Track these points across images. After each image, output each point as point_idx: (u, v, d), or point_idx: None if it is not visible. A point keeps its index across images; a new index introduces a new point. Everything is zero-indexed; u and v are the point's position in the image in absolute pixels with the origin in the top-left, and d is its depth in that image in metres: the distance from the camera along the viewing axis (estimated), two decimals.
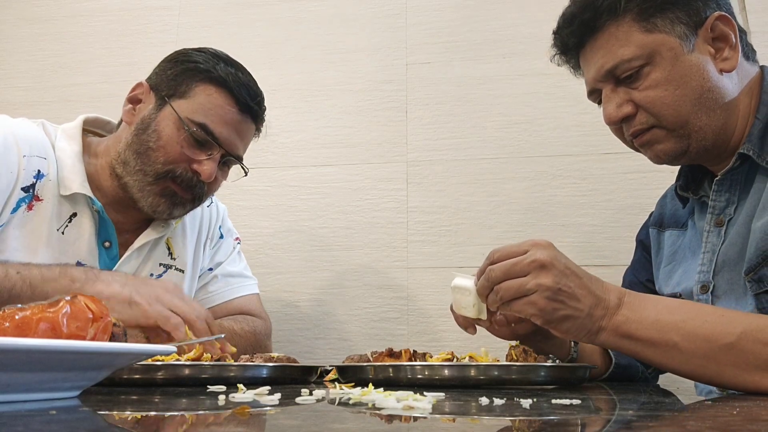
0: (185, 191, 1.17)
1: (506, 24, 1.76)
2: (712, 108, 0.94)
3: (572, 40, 1.01)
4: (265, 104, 1.25)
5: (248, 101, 1.18)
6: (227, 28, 1.88)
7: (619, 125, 0.99)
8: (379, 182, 1.74)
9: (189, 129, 1.14)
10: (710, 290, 0.97)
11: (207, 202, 1.36)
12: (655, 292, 1.14)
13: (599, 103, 1.03)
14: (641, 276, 1.21)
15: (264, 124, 1.27)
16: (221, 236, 1.39)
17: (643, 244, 1.23)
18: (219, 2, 1.93)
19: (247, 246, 1.65)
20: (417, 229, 1.69)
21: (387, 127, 1.77)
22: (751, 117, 0.95)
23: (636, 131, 0.97)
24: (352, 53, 1.82)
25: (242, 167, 1.25)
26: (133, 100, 1.21)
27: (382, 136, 1.76)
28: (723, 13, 0.95)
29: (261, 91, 1.23)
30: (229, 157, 1.19)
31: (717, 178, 0.99)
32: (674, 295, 1.06)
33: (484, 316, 0.90)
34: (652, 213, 1.23)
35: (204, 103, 1.15)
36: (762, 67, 1.00)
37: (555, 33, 1.04)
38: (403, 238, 1.69)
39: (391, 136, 1.76)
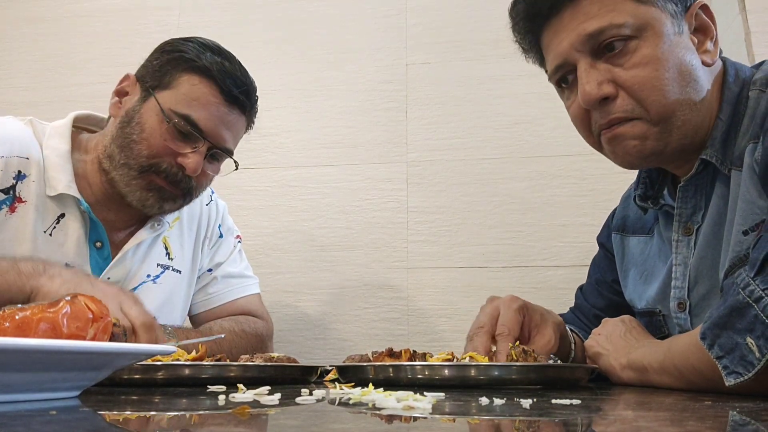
0: (172, 186, 1.13)
1: (506, 24, 1.74)
2: (695, 102, 0.85)
3: (546, 4, 0.87)
4: (257, 95, 1.20)
5: (234, 92, 1.13)
6: (227, 28, 1.88)
7: (596, 107, 0.86)
8: (379, 182, 1.73)
9: (172, 121, 1.09)
10: (687, 309, 0.94)
11: (206, 200, 1.34)
12: (622, 295, 1.12)
13: (563, 84, 0.92)
14: (608, 276, 1.17)
15: (257, 116, 1.22)
16: (221, 236, 1.36)
17: (605, 248, 1.19)
18: (219, 2, 1.93)
19: (248, 246, 1.64)
20: (417, 229, 1.69)
21: (387, 127, 1.76)
22: (714, 116, 0.87)
23: (614, 119, 0.85)
24: (352, 53, 1.82)
25: (233, 160, 1.20)
26: (120, 93, 1.17)
27: (382, 136, 1.76)
28: (705, 2, 0.88)
29: (251, 81, 1.18)
30: (217, 150, 1.15)
31: (681, 185, 0.92)
32: (652, 312, 1.03)
33: None
34: (614, 212, 1.17)
35: (188, 94, 1.11)
36: (724, 60, 0.91)
37: None
38: (403, 238, 1.69)
39: (391, 136, 1.76)
